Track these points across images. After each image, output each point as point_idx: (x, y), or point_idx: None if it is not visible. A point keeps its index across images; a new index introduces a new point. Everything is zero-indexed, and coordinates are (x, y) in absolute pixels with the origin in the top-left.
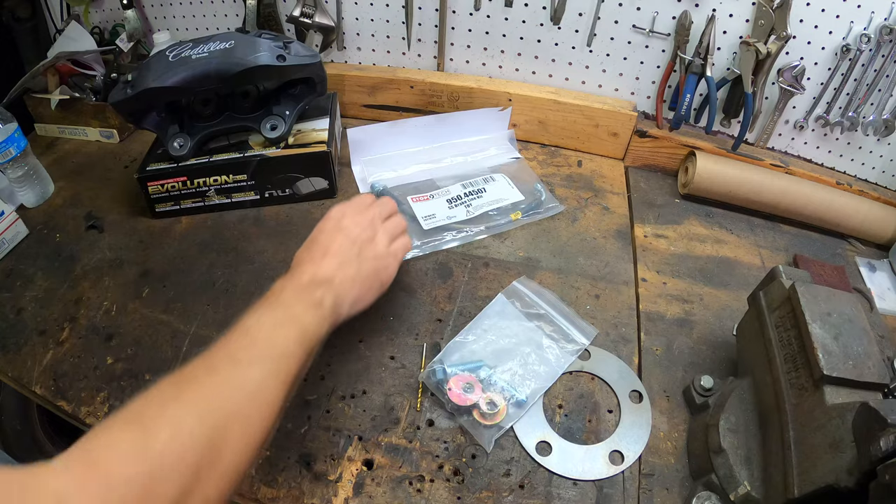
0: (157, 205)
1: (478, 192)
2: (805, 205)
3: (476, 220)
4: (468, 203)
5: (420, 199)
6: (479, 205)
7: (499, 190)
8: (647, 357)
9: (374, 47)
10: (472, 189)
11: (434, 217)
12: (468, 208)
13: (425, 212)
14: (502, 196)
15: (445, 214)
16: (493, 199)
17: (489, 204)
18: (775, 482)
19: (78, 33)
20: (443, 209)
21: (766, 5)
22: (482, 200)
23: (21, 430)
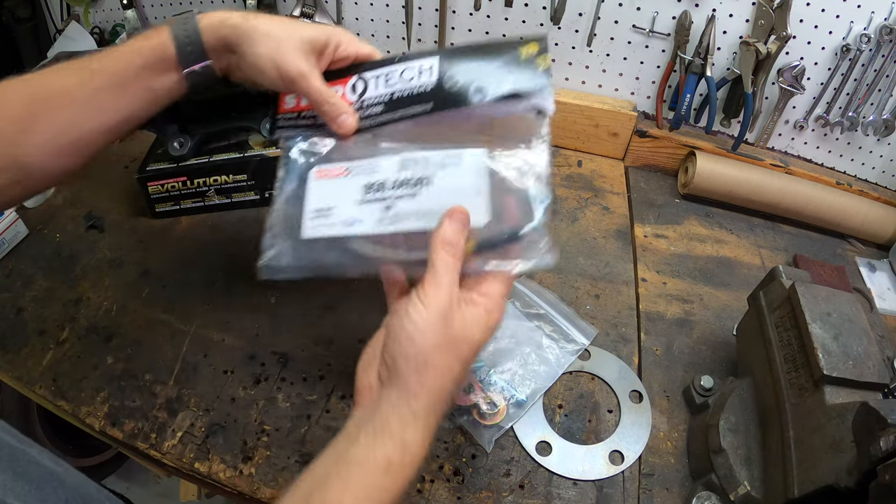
0: (157, 205)
1: (418, 182)
2: (805, 205)
3: (389, 242)
4: (390, 202)
5: (328, 173)
6: (405, 211)
7: (454, 188)
8: (647, 357)
9: (375, 47)
10: (410, 176)
11: (328, 215)
12: (387, 212)
13: (320, 202)
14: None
15: (347, 215)
16: (433, 208)
17: (422, 215)
18: (775, 482)
19: (78, 33)
20: (349, 202)
21: (766, 5)
22: (414, 204)
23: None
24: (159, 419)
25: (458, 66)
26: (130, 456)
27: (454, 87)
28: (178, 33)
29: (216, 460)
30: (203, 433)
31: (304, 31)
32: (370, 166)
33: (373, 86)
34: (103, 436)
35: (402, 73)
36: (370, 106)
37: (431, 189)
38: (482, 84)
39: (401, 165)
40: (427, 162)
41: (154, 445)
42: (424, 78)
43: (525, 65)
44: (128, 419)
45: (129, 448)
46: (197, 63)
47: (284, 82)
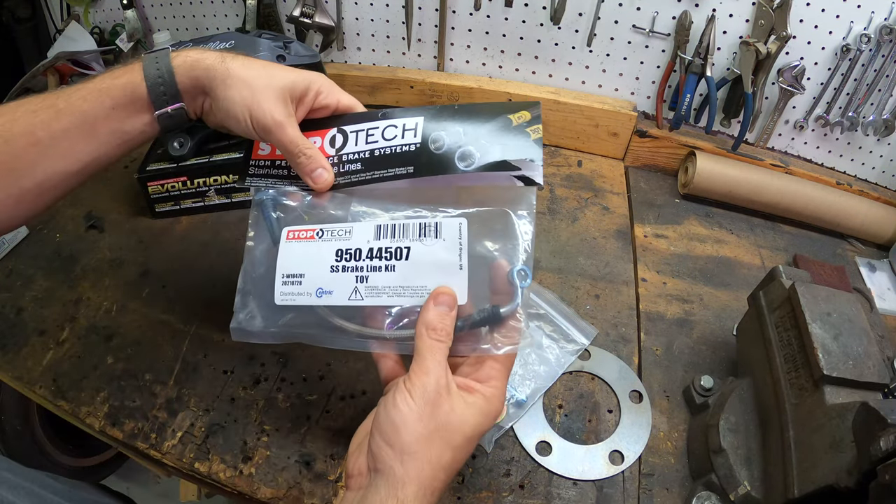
0: (157, 205)
1: (395, 253)
2: (805, 205)
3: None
4: (364, 273)
5: (299, 234)
6: (381, 285)
7: (432, 262)
8: (647, 357)
9: (374, 47)
10: (387, 245)
11: (300, 282)
12: (360, 284)
13: (292, 266)
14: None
15: (319, 283)
16: (410, 283)
17: (398, 291)
18: (775, 482)
19: (78, 33)
20: (321, 269)
21: (766, 5)
22: (390, 278)
23: (21, 430)
24: (159, 419)
25: (444, 128)
26: (130, 456)
27: (439, 150)
28: (150, 72)
29: (216, 460)
30: (203, 433)
31: (282, 77)
32: (344, 231)
33: (352, 141)
34: (103, 436)
35: (384, 130)
36: (348, 162)
37: (409, 262)
38: (469, 150)
39: (377, 232)
40: (405, 230)
41: (154, 445)
42: (408, 138)
43: (516, 132)
44: (128, 419)
45: (129, 448)
46: (169, 105)
47: (258, 131)
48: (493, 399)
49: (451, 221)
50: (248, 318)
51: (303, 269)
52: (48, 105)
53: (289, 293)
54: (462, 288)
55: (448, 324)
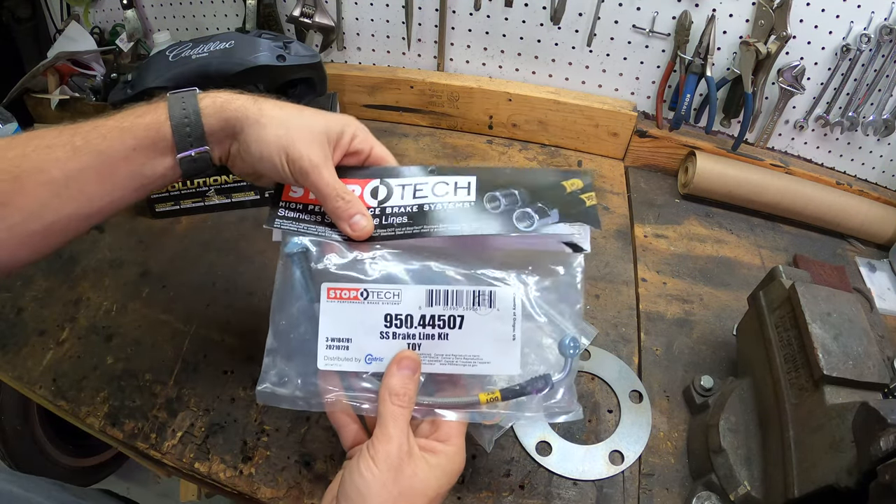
0: (157, 205)
1: (448, 322)
2: (805, 205)
3: None
4: (416, 341)
5: (341, 294)
6: (434, 354)
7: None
8: (647, 357)
9: (374, 47)
10: (440, 313)
11: (345, 347)
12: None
13: (336, 329)
14: (482, 353)
15: (367, 349)
16: (463, 352)
17: (452, 360)
18: (775, 482)
19: (78, 33)
20: (369, 334)
21: (766, 5)
22: (444, 347)
23: (21, 430)
24: (159, 419)
25: (499, 188)
26: (130, 456)
27: (496, 209)
28: (175, 112)
29: (216, 460)
30: (203, 433)
31: (317, 119)
32: (392, 293)
33: (398, 194)
34: (103, 436)
35: (434, 186)
36: (393, 215)
37: (462, 331)
38: (528, 212)
39: (428, 298)
40: (458, 298)
41: (154, 445)
42: (461, 195)
43: (570, 198)
44: (128, 419)
45: (129, 448)
46: (194, 147)
47: (294, 173)
48: (454, 457)
49: (505, 291)
50: (279, 381)
51: (349, 332)
52: (64, 142)
53: (334, 357)
54: (515, 358)
55: (411, 389)
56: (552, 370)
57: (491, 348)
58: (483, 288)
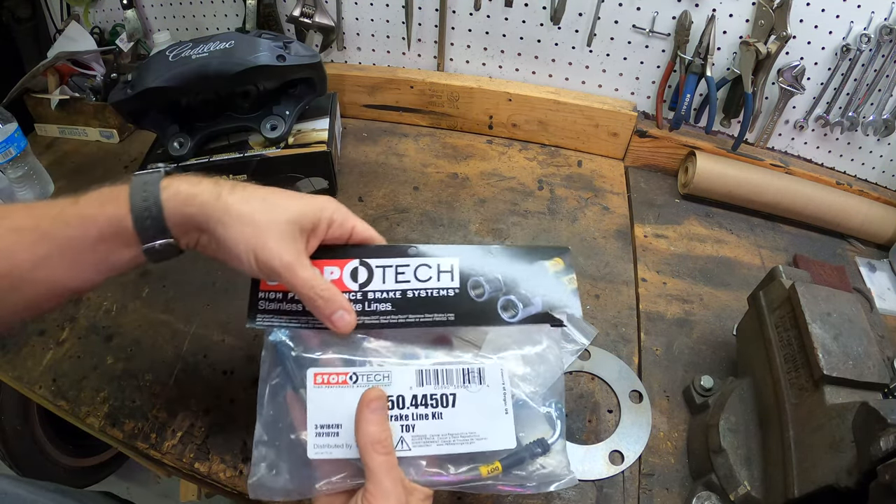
0: None
1: (441, 401)
2: (805, 205)
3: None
4: (410, 423)
5: (328, 379)
6: (429, 434)
7: (480, 408)
8: (647, 357)
9: (374, 47)
10: (432, 393)
11: (335, 433)
12: (406, 433)
13: (325, 416)
14: (477, 429)
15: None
16: (459, 430)
17: (448, 439)
18: (775, 482)
19: (78, 33)
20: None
21: (766, 5)
22: (439, 426)
23: (21, 430)
24: (159, 419)
25: (481, 271)
26: (130, 456)
27: (480, 297)
28: (136, 203)
29: (216, 460)
30: (203, 433)
31: (288, 210)
32: (381, 376)
33: (379, 277)
34: (103, 436)
35: (416, 269)
36: (376, 301)
37: (456, 409)
38: (511, 300)
39: (418, 378)
40: (448, 377)
41: (154, 445)
42: (444, 281)
43: (552, 280)
44: (128, 419)
45: (129, 448)
46: (157, 240)
47: (265, 273)
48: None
49: (492, 366)
50: (270, 474)
51: (339, 418)
52: (32, 226)
53: (324, 445)
54: (510, 431)
55: (387, 429)
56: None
57: (485, 424)
58: (471, 364)
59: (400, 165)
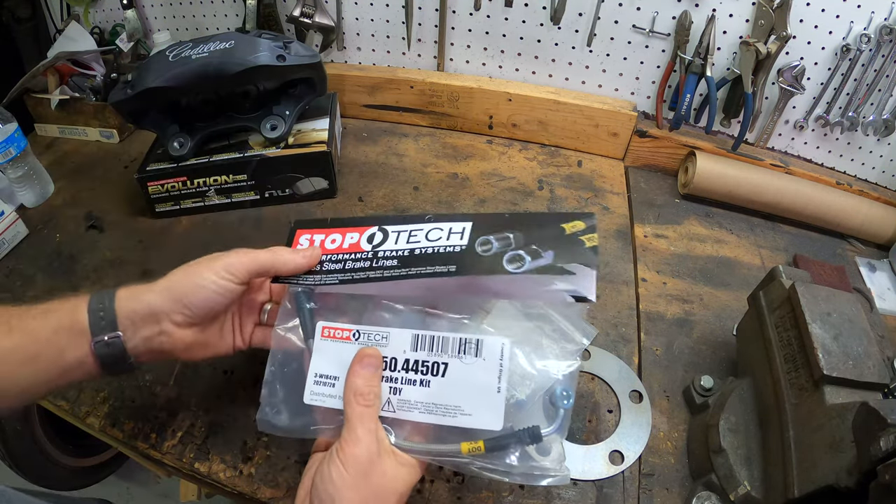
0: (157, 205)
1: (432, 368)
2: (805, 205)
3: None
4: (398, 385)
5: (334, 333)
6: (412, 400)
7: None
8: (647, 357)
9: (374, 47)
10: (424, 359)
11: (332, 384)
12: (392, 395)
13: (325, 367)
14: (463, 403)
15: None
16: (443, 401)
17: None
18: (775, 482)
19: (78, 33)
20: None
21: (766, 5)
22: (424, 394)
23: (21, 430)
24: (159, 419)
25: (494, 232)
26: (130, 456)
27: (487, 252)
28: (93, 297)
29: (216, 460)
30: (203, 433)
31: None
32: (381, 336)
33: (392, 239)
34: (103, 436)
35: (428, 232)
36: (384, 258)
37: (445, 380)
38: (519, 254)
39: (413, 343)
40: (443, 344)
41: (154, 445)
42: (454, 240)
43: (569, 239)
44: (128, 419)
45: (129, 448)
46: (105, 333)
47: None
48: (415, 471)
49: (493, 340)
50: (274, 413)
51: (337, 371)
52: (3, 320)
53: (319, 394)
54: (498, 412)
55: (376, 386)
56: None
57: (473, 400)
58: (470, 336)
59: (400, 165)
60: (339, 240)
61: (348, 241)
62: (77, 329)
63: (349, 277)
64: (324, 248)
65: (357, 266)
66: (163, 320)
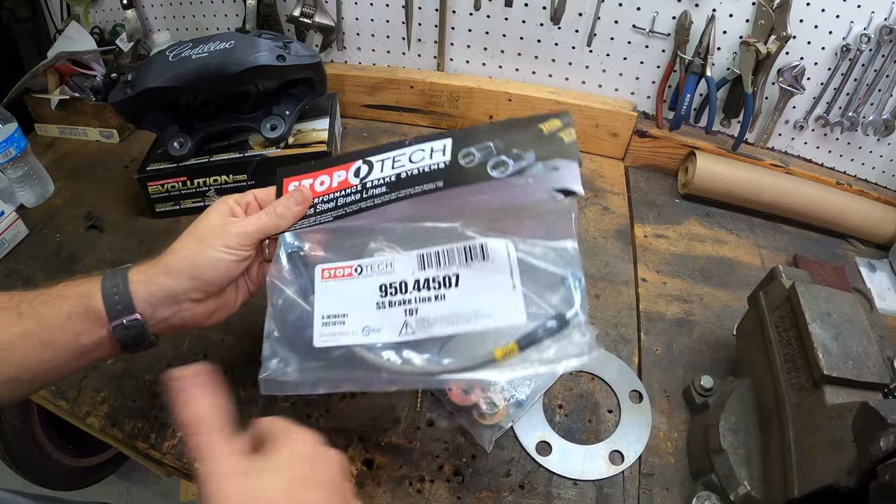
0: (157, 205)
1: (444, 282)
2: (805, 205)
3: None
4: (413, 306)
5: (335, 273)
6: (433, 316)
7: (484, 285)
8: (647, 357)
9: (374, 47)
10: (435, 274)
11: (342, 322)
12: (410, 317)
13: (332, 306)
14: (482, 307)
15: (364, 322)
16: (463, 309)
17: (453, 319)
18: (775, 482)
19: (78, 33)
20: (365, 306)
21: (766, 5)
22: (443, 307)
23: (21, 430)
24: (159, 419)
25: (474, 144)
26: (130, 456)
27: (470, 163)
28: (106, 280)
29: None
30: None
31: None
32: (384, 264)
33: (378, 168)
34: (103, 436)
35: (411, 154)
36: (372, 188)
37: (460, 289)
38: (502, 159)
39: (420, 262)
40: (449, 257)
41: (154, 445)
42: (437, 157)
43: (549, 138)
44: (128, 419)
45: (130, 448)
46: (124, 316)
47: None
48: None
49: (496, 243)
50: (280, 367)
51: (345, 308)
52: (12, 306)
53: (330, 334)
54: (518, 307)
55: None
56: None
57: (491, 301)
58: (474, 242)
59: None
60: (327, 181)
61: (336, 180)
62: (93, 315)
63: (342, 213)
64: (314, 191)
65: (349, 200)
66: (182, 300)
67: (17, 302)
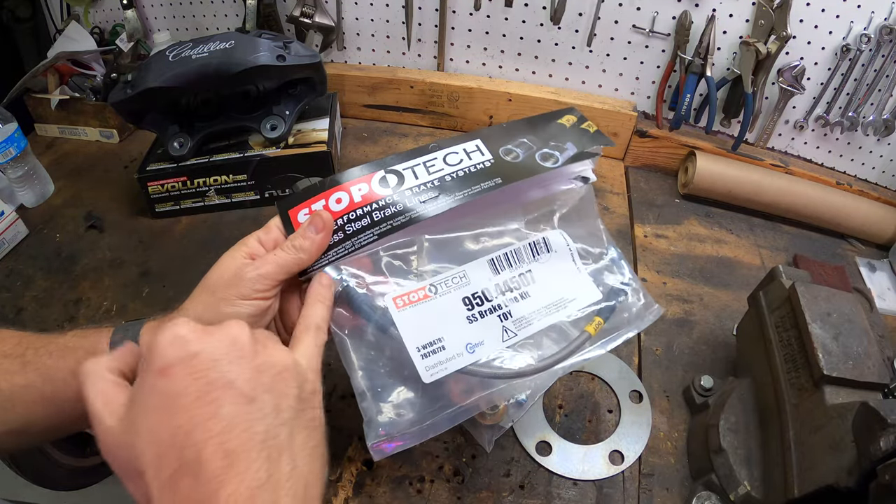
0: (157, 205)
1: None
2: (805, 205)
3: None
4: (505, 310)
5: (409, 299)
6: (528, 313)
7: (557, 274)
8: (647, 357)
9: (374, 47)
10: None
11: (441, 347)
12: (506, 321)
13: (421, 335)
14: (564, 294)
15: (464, 339)
16: (550, 300)
17: (547, 310)
18: (775, 482)
19: (78, 33)
20: (457, 324)
21: (766, 5)
22: (532, 303)
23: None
24: None
25: (509, 141)
26: None
27: (516, 159)
28: (115, 337)
29: None
30: None
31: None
32: (458, 277)
33: (410, 177)
34: None
35: (445, 157)
36: (417, 194)
37: (538, 283)
38: (548, 152)
39: (493, 267)
40: (518, 256)
41: None
42: (476, 158)
43: (574, 130)
44: None
45: None
46: None
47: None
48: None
49: (553, 233)
50: (392, 421)
51: (436, 332)
52: (19, 353)
53: (434, 364)
54: (591, 285)
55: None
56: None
57: (568, 286)
58: (535, 237)
59: None
60: (345, 198)
61: (358, 195)
62: None
63: (388, 227)
64: (331, 212)
65: (389, 213)
66: None
67: (24, 349)
